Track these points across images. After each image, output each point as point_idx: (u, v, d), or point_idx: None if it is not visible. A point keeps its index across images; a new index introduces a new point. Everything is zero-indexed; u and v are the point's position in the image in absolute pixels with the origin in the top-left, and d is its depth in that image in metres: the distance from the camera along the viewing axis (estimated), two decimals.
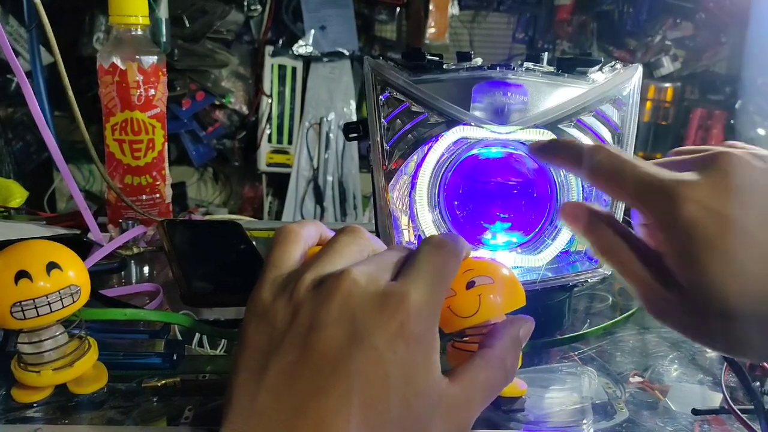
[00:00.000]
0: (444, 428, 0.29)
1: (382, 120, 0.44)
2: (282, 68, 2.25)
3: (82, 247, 0.62)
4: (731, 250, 0.29)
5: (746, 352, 0.32)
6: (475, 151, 0.46)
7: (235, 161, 2.35)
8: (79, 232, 0.67)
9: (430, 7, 2.22)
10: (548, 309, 0.48)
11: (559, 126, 0.44)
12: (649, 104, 2.32)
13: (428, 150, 0.45)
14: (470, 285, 0.35)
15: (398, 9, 2.28)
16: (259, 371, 0.28)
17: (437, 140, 0.44)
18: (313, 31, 2.19)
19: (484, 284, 0.35)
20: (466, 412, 0.31)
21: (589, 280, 0.47)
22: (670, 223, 0.31)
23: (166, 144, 0.69)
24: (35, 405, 0.38)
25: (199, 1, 2.09)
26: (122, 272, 0.61)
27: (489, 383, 0.32)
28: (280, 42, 2.23)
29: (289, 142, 2.30)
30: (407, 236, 0.46)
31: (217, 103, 2.22)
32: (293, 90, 2.27)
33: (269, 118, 2.27)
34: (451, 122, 0.44)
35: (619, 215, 0.43)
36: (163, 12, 1.88)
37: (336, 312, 0.28)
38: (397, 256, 0.33)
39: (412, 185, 0.45)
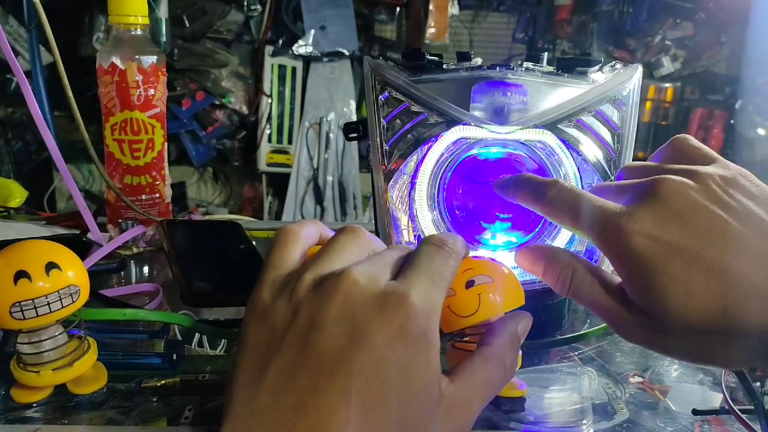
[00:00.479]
0: (444, 428, 0.29)
1: (382, 120, 0.44)
2: (282, 68, 2.25)
3: (81, 247, 0.62)
4: (681, 274, 0.30)
5: (718, 362, 0.33)
6: (474, 151, 0.45)
7: (235, 161, 2.35)
8: (78, 232, 0.67)
9: (430, 7, 2.22)
10: (548, 309, 0.48)
11: (559, 126, 0.44)
12: (649, 104, 2.32)
13: (428, 150, 0.45)
14: (470, 284, 0.35)
15: (398, 9, 2.28)
16: (259, 371, 0.29)
17: (437, 140, 0.44)
18: (313, 31, 2.19)
19: (484, 283, 0.35)
20: (467, 412, 0.31)
21: None
22: (621, 257, 0.32)
23: (166, 144, 0.69)
24: (35, 405, 0.38)
25: (199, 1, 2.09)
26: (122, 272, 0.61)
27: (489, 381, 0.32)
28: (280, 42, 2.23)
29: (289, 142, 2.30)
30: (407, 236, 0.46)
31: (217, 103, 2.22)
32: (293, 90, 2.27)
33: (269, 118, 2.27)
34: (451, 122, 0.44)
35: None
36: (162, 12, 1.88)
37: (336, 312, 0.28)
38: (397, 256, 0.33)
39: (412, 185, 0.45)
